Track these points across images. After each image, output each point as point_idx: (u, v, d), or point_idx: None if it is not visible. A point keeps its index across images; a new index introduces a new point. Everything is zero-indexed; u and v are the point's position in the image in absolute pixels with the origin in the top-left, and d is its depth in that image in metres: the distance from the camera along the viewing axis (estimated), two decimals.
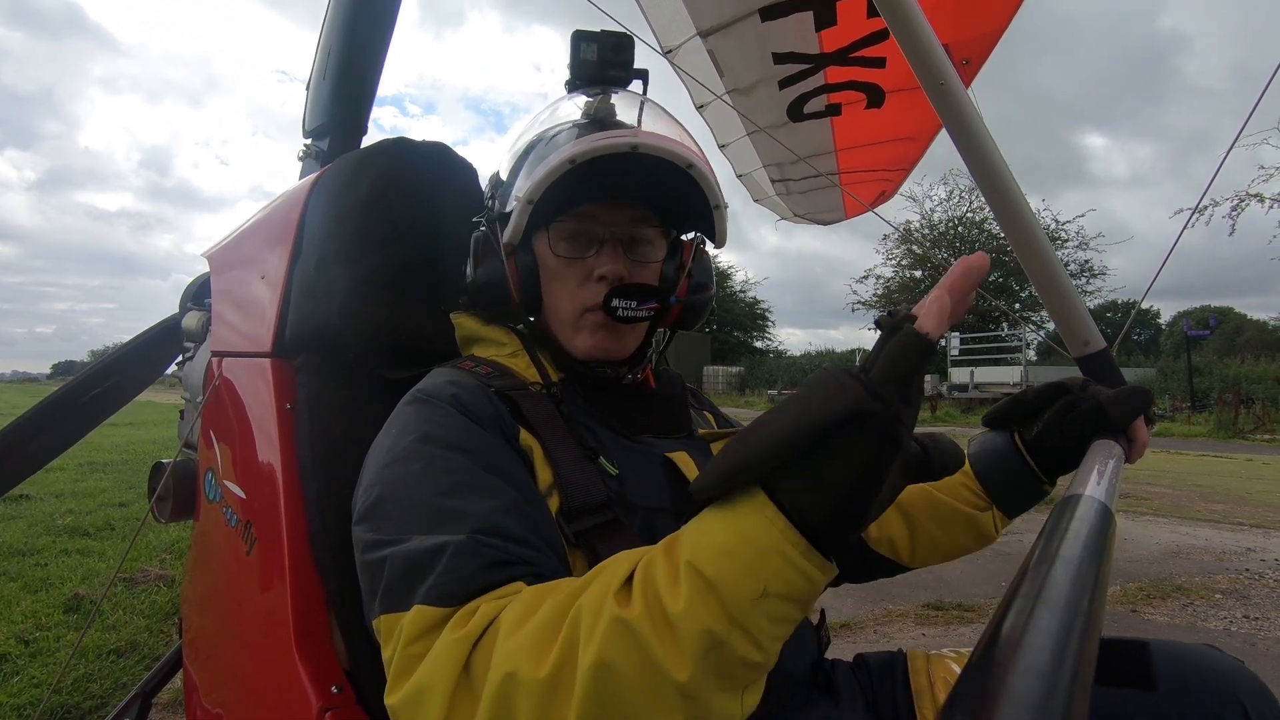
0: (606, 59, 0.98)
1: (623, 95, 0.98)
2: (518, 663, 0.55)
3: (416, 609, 0.63)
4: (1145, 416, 0.88)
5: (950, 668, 1.01)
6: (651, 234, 0.96)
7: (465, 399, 0.82)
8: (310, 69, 1.58)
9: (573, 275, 0.93)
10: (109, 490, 6.05)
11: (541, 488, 0.80)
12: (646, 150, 0.85)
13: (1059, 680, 0.32)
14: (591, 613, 0.55)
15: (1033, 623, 0.36)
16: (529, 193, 0.86)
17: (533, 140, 0.95)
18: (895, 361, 0.51)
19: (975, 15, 1.64)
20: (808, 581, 0.52)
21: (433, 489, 0.72)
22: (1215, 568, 4.28)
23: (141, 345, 1.77)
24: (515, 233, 0.90)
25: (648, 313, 0.90)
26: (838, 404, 0.50)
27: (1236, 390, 16.94)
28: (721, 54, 1.81)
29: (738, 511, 0.54)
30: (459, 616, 0.62)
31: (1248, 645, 3.05)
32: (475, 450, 0.76)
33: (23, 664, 2.54)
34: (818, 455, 0.51)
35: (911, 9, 1.01)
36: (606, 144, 0.84)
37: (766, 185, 2.44)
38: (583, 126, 0.91)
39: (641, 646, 0.52)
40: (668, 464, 0.89)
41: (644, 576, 0.55)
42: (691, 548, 0.54)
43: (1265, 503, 6.55)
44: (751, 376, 33.98)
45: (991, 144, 1.05)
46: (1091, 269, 28.49)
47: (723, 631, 0.51)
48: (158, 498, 1.43)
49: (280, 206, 1.32)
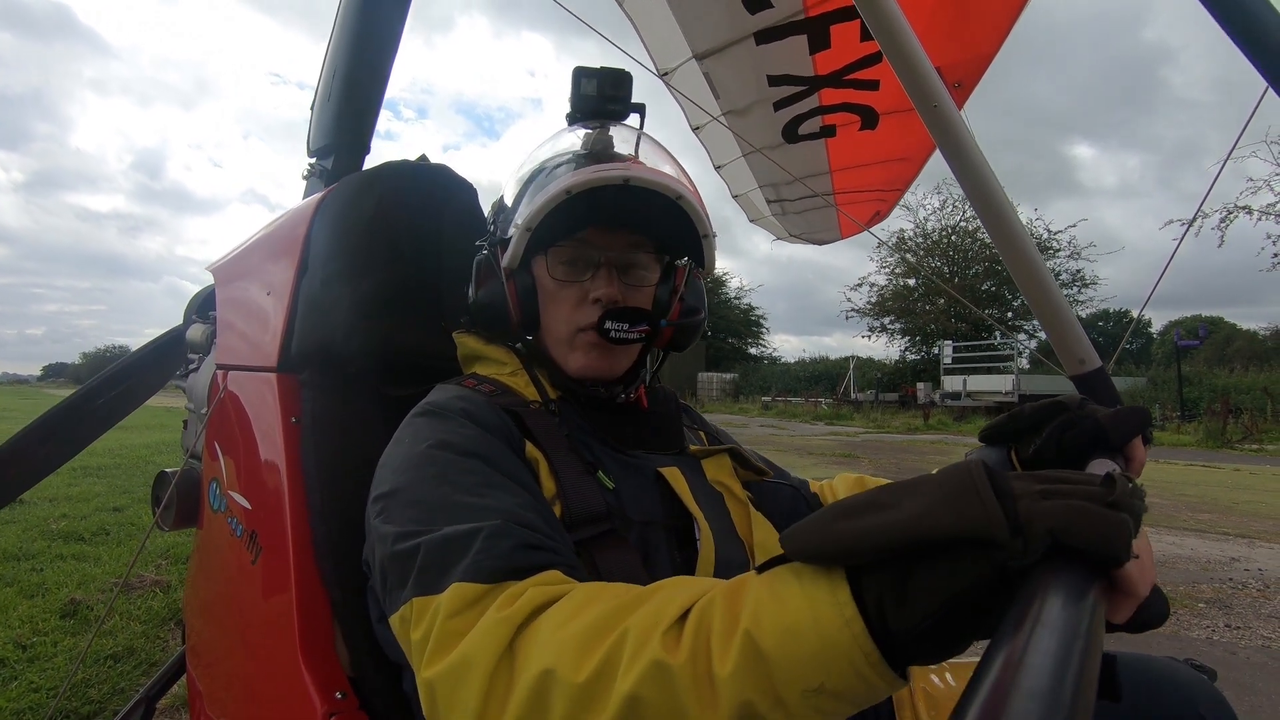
0: (606, 94, 1.03)
1: (620, 129, 1.03)
2: (560, 660, 0.56)
3: (455, 586, 0.64)
4: (1143, 436, 0.89)
5: (931, 678, 1.03)
6: (645, 259, 1.00)
7: (474, 411, 0.86)
8: (314, 90, 1.61)
9: (569, 297, 0.97)
10: (103, 495, 6.02)
11: (546, 497, 0.83)
12: (638, 183, 0.89)
13: (1060, 702, 0.32)
14: (638, 640, 0.54)
15: (1033, 644, 0.36)
16: (528, 220, 0.90)
17: (534, 170, 0.99)
18: (1073, 524, 0.42)
19: (967, 38, 1.69)
20: (869, 690, 0.47)
21: (455, 487, 0.75)
22: (1200, 577, 4.33)
23: (146, 356, 1.80)
24: (514, 258, 0.94)
25: (639, 335, 0.95)
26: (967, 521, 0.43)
27: (1225, 400, 17.07)
28: (717, 76, 1.85)
29: (814, 593, 0.49)
30: (505, 596, 0.63)
31: (1228, 654, 3.10)
32: (489, 457, 0.80)
33: (20, 669, 2.55)
34: (920, 566, 0.45)
35: (904, 32, 1.04)
36: (600, 176, 0.89)
37: (762, 206, 2.48)
38: (581, 159, 0.96)
39: (677, 695, 0.51)
40: (660, 479, 0.93)
41: (698, 623, 0.54)
42: (754, 614, 0.51)
43: (1251, 513, 6.61)
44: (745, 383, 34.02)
45: (985, 164, 1.08)
46: (1083, 279, 28.74)
47: (764, 708, 0.49)
48: (163, 506, 1.46)
49: (286, 224, 1.35)
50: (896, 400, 25.49)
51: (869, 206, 2.43)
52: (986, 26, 1.66)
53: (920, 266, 29.24)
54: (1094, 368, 1.10)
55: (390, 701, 0.93)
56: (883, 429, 18.10)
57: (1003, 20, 1.64)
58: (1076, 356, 1.11)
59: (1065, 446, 0.92)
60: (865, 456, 11.03)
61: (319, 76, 1.60)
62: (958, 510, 0.44)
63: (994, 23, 1.64)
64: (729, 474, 1.03)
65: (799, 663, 0.48)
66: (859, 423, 20.15)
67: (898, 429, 18.04)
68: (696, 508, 0.90)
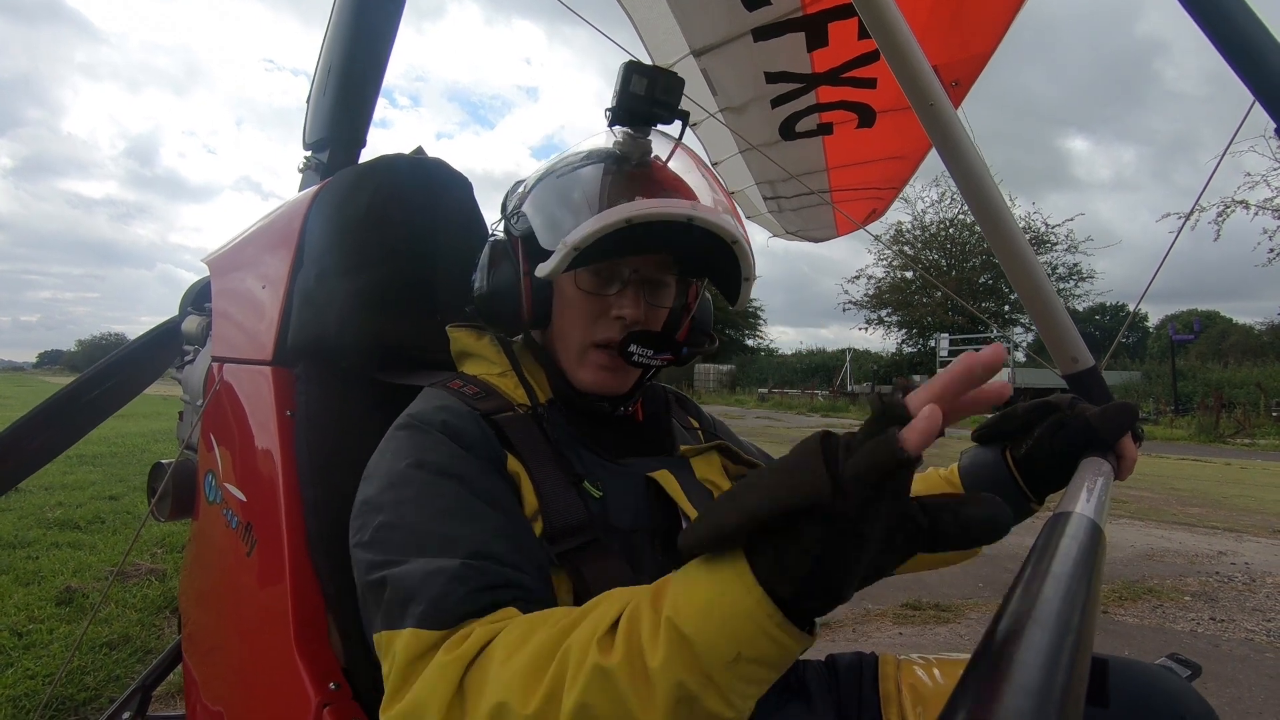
0: (657, 97, 0.95)
1: (658, 136, 0.98)
2: (510, 693, 0.59)
3: (411, 631, 0.67)
4: (1133, 433, 0.90)
5: (918, 675, 1.03)
6: (671, 279, 0.98)
7: (455, 424, 0.85)
8: (310, 83, 1.61)
9: (589, 309, 0.94)
10: (98, 483, 6.03)
11: (527, 512, 0.83)
12: (701, 223, 0.87)
13: (1051, 699, 0.32)
14: (578, 654, 0.58)
15: (1024, 641, 0.36)
16: (578, 240, 0.85)
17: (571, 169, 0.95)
18: (870, 467, 0.48)
19: (964, 37, 1.69)
20: (781, 650, 0.53)
21: (426, 514, 0.76)
22: (1186, 570, 4.38)
23: (142, 347, 1.80)
24: (555, 271, 0.89)
25: (662, 362, 0.94)
26: (799, 494, 0.49)
27: (1218, 395, 17.15)
28: (715, 73, 1.85)
29: (720, 573, 0.54)
30: (453, 640, 0.66)
31: (1212, 646, 3.14)
32: (465, 477, 0.80)
33: (16, 656, 2.57)
34: (781, 538, 0.51)
35: (902, 31, 1.04)
36: (665, 212, 0.86)
37: (759, 203, 2.48)
38: (632, 174, 0.92)
39: (619, 694, 0.55)
40: (650, 484, 0.93)
41: (628, 626, 0.58)
42: (674, 603, 0.55)
43: (1240, 507, 6.68)
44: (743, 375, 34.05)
45: (981, 164, 1.08)
46: (1080, 272, 28.77)
47: (696, 687, 0.53)
48: (158, 497, 1.47)
49: (281, 217, 1.35)
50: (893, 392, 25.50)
51: (865, 204, 2.43)
52: (984, 25, 1.66)
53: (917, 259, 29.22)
54: (1086, 366, 1.11)
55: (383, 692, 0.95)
56: None
57: (1000, 19, 1.64)
58: (1069, 355, 1.11)
59: (1056, 447, 0.93)
60: None
61: (314, 69, 1.60)
62: (794, 482, 0.50)
63: (991, 21, 1.64)
64: (718, 472, 1.04)
65: (717, 637, 0.53)
66: (855, 414, 20.20)
67: None
68: (692, 509, 0.90)
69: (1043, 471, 0.96)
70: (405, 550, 0.73)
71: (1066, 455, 0.90)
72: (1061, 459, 0.91)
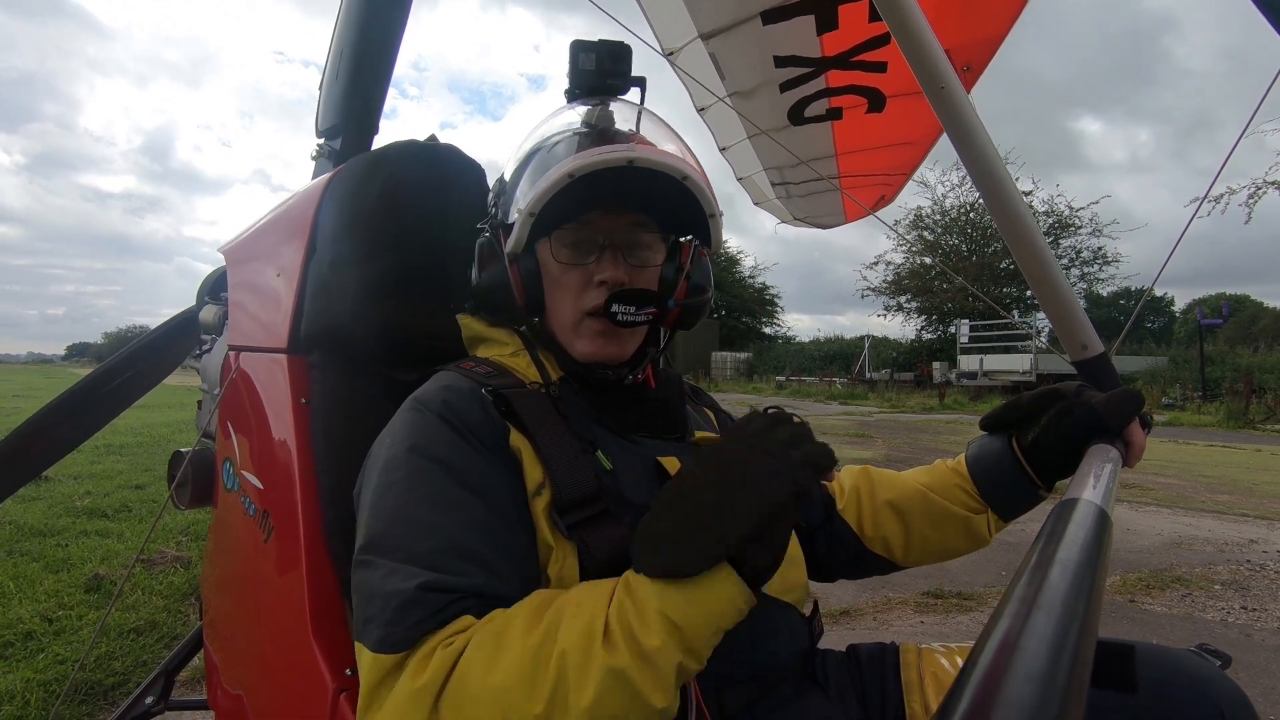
0: (605, 69, 1.00)
1: (621, 104, 1.00)
2: (508, 700, 0.63)
3: (372, 656, 0.70)
4: (1140, 420, 0.89)
5: (940, 663, 1.03)
6: (650, 239, 0.98)
7: (455, 405, 0.86)
8: (322, 71, 1.62)
9: (574, 281, 0.95)
10: (125, 472, 6.16)
11: (531, 486, 0.84)
12: (642, 164, 0.88)
13: (1055, 685, 0.32)
14: (579, 657, 0.64)
15: (1029, 627, 0.36)
16: (530, 205, 0.89)
17: (533, 148, 0.98)
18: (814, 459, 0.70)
19: (977, 20, 1.65)
20: (743, 615, 0.69)
21: (410, 499, 0.79)
22: (1216, 559, 4.30)
23: (160, 337, 1.83)
24: (518, 243, 0.93)
25: (647, 317, 0.93)
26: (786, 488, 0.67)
27: (1248, 380, 16.79)
28: (723, 57, 1.83)
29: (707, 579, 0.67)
30: (415, 663, 0.68)
31: (1243, 636, 3.08)
32: (454, 464, 0.81)
33: (47, 641, 2.64)
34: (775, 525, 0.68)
35: (914, 13, 1.02)
36: (603, 158, 0.87)
37: (767, 189, 2.45)
38: (582, 136, 0.94)
39: (633, 689, 0.64)
40: (659, 468, 0.93)
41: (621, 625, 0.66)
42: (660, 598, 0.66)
43: (1271, 494, 6.54)
44: (760, 363, 33.92)
45: (993, 149, 1.07)
46: (1104, 256, 28.28)
47: (689, 662, 0.66)
48: (177, 485, 1.49)
49: (295, 205, 1.36)
50: (912, 380, 25.33)
51: (874, 190, 2.39)
52: (998, 7, 1.62)
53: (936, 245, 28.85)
54: (1096, 353, 1.10)
55: None
56: (897, 408, 18.03)
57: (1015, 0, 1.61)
58: (1079, 342, 1.10)
59: (1063, 434, 0.93)
60: (879, 436, 11.00)
61: (326, 56, 1.61)
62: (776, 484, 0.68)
63: (1006, 3, 1.61)
64: None
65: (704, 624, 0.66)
66: (874, 402, 20.07)
67: (913, 409, 17.96)
68: None
69: (1050, 459, 0.97)
70: (386, 538, 0.77)
71: (1074, 442, 0.91)
72: (1069, 446, 0.91)
